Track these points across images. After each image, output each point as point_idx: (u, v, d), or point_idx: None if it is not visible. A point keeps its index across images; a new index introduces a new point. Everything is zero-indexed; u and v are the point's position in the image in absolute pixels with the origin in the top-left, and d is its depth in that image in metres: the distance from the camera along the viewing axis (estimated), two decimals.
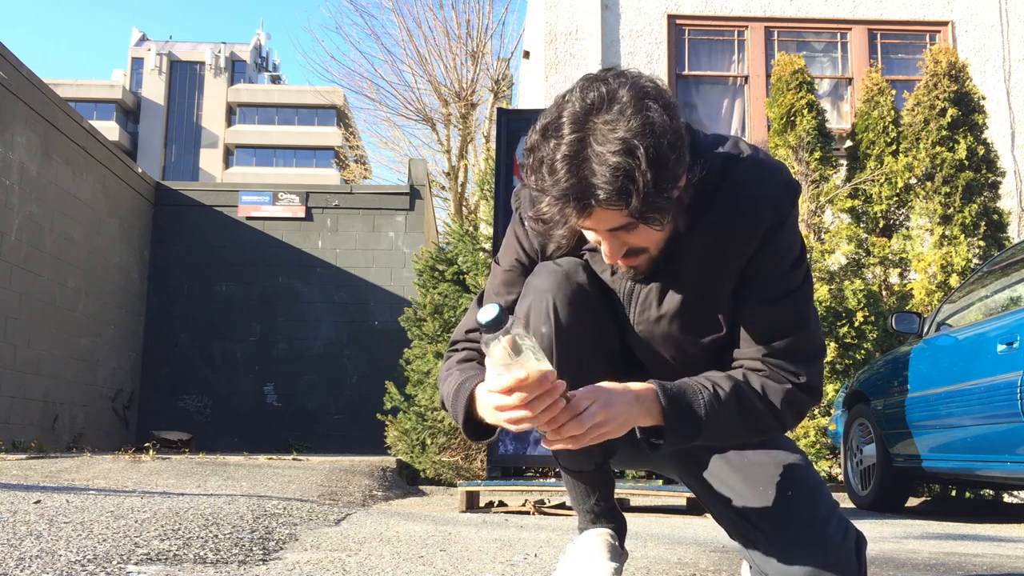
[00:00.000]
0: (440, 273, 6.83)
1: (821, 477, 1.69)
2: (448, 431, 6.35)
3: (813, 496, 1.53)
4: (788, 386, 1.50)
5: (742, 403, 1.48)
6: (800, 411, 1.54)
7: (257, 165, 51.08)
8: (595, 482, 1.71)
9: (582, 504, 1.73)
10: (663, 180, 1.29)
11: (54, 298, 10.05)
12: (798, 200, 1.52)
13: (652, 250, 1.44)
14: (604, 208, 1.29)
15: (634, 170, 1.26)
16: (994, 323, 4.19)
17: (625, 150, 1.26)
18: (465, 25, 14.00)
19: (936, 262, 7.14)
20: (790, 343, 1.51)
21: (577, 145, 1.29)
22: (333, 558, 2.07)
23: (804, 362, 1.52)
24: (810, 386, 1.52)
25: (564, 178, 1.28)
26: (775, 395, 1.50)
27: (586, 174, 1.28)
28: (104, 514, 2.61)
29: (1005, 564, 2.53)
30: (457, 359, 1.61)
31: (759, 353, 1.51)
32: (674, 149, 1.30)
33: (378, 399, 7.29)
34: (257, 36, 57.38)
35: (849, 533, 1.51)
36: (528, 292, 1.55)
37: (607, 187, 1.26)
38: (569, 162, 1.28)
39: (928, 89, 7.67)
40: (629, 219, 1.32)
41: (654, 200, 1.29)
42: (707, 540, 2.90)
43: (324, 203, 13.06)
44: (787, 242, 1.49)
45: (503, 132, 4.94)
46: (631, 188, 1.26)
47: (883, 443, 5.07)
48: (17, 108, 9.25)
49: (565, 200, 1.30)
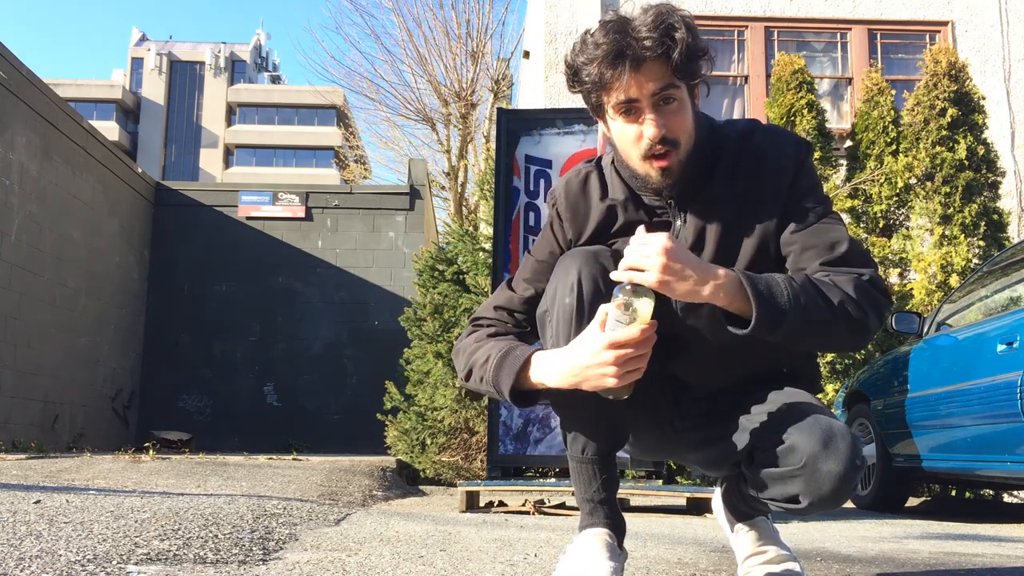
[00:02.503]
0: (440, 273, 6.83)
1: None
2: (448, 431, 6.35)
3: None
4: (854, 277, 1.57)
5: (818, 286, 1.53)
6: (875, 303, 1.57)
7: (257, 165, 51.08)
8: (601, 466, 1.72)
9: (585, 491, 1.73)
10: (697, 40, 1.52)
11: (54, 298, 10.05)
12: (812, 153, 1.71)
13: (682, 148, 1.57)
14: (651, 60, 1.49)
15: (674, 25, 1.50)
16: (994, 323, 4.19)
17: (663, 14, 1.50)
18: (465, 25, 14.00)
19: (936, 262, 7.14)
20: (843, 253, 1.59)
21: (621, 25, 1.52)
22: (333, 558, 2.07)
23: (862, 265, 1.60)
24: (875, 280, 1.58)
25: (612, 41, 1.49)
26: (845, 284, 1.55)
27: (632, 36, 1.50)
28: (104, 514, 2.61)
29: (1005, 564, 2.53)
30: (487, 333, 1.71)
31: (818, 265, 1.60)
32: (698, 30, 1.54)
33: (378, 399, 7.28)
34: (257, 36, 57.38)
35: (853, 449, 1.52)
36: (557, 269, 1.66)
37: (653, 36, 1.48)
38: (614, 31, 1.50)
39: (928, 89, 7.67)
40: (672, 77, 1.51)
41: (693, 52, 1.51)
42: (707, 540, 2.90)
43: (324, 203, 13.06)
44: (811, 183, 1.66)
45: (503, 132, 4.94)
46: (676, 38, 1.49)
47: (883, 443, 5.07)
48: (17, 108, 9.25)
49: (617, 57, 1.49)
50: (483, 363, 1.63)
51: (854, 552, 2.71)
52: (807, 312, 1.50)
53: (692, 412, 1.77)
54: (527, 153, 4.88)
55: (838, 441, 1.49)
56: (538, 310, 1.70)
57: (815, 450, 1.48)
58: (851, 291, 1.54)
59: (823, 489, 1.49)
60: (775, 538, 1.79)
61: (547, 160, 4.86)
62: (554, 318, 1.62)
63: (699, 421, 1.76)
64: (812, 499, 1.52)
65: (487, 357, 1.63)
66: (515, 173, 4.87)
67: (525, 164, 4.87)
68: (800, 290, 1.50)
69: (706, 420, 1.74)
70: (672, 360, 1.70)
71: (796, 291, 1.50)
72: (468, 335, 1.74)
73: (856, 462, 1.49)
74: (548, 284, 1.68)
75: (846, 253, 1.59)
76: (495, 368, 1.60)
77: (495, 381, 1.60)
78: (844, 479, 1.48)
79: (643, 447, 1.91)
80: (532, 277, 1.76)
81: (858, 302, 1.54)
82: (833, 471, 1.48)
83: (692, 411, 1.77)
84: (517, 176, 4.87)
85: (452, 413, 6.27)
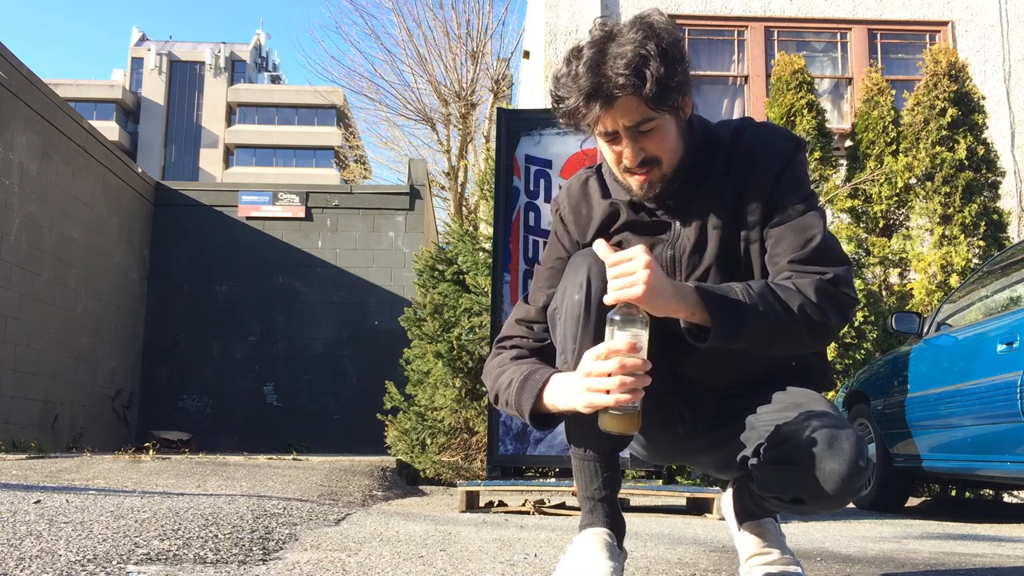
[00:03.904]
0: (440, 273, 6.83)
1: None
2: (448, 431, 6.35)
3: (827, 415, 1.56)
4: (816, 279, 1.59)
5: (776, 292, 1.56)
6: (839, 304, 1.59)
7: (257, 165, 51.07)
8: (603, 464, 1.74)
9: (586, 488, 1.75)
10: (671, 70, 1.53)
11: (54, 298, 10.05)
12: (803, 148, 1.72)
13: (665, 163, 1.62)
14: (624, 95, 1.52)
15: (648, 60, 1.51)
16: (994, 323, 4.19)
17: (637, 47, 1.52)
18: (465, 25, 14.00)
19: (936, 262, 7.14)
20: (814, 248, 1.62)
21: (598, 56, 1.53)
22: (333, 558, 2.07)
23: (832, 263, 1.62)
24: (839, 279, 1.60)
25: (587, 78, 1.53)
26: (806, 287, 1.58)
27: (607, 72, 1.52)
28: (104, 514, 2.61)
29: (1005, 564, 2.53)
30: (510, 356, 1.75)
31: (785, 265, 1.63)
32: (677, 49, 1.55)
33: (378, 399, 7.28)
34: (257, 36, 57.37)
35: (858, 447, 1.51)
36: (567, 268, 1.70)
37: (625, 73, 1.50)
38: (591, 66, 1.53)
39: (928, 89, 7.67)
40: (646, 110, 1.54)
41: (666, 85, 1.52)
42: (707, 540, 2.90)
43: (324, 203, 13.05)
44: (796, 178, 1.68)
45: (503, 132, 4.94)
46: (646, 73, 1.50)
47: (883, 443, 5.07)
48: (17, 108, 9.25)
49: (591, 96, 1.53)
50: (507, 387, 1.68)
51: (854, 552, 2.71)
52: (765, 319, 1.53)
53: (702, 415, 1.78)
54: (527, 153, 4.88)
55: (842, 441, 1.49)
56: (548, 309, 1.74)
57: (818, 450, 1.49)
58: (811, 294, 1.57)
59: (827, 489, 1.49)
60: (780, 542, 1.79)
61: (547, 160, 4.86)
62: (563, 315, 1.64)
63: (710, 423, 1.77)
64: (816, 499, 1.52)
65: (510, 381, 1.67)
66: (515, 173, 4.87)
67: (525, 164, 4.87)
68: (758, 298, 1.53)
69: (716, 422, 1.75)
70: (682, 360, 1.71)
71: (754, 299, 1.53)
72: (493, 358, 1.79)
73: (859, 463, 1.48)
74: (559, 284, 1.71)
75: (816, 248, 1.62)
76: (516, 392, 1.65)
77: (517, 405, 1.65)
78: (847, 479, 1.48)
79: (655, 451, 1.92)
80: (544, 284, 1.81)
81: (818, 305, 1.56)
82: (836, 471, 1.48)
83: (702, 414, 1.78)
84: (517, 176, 4.87)
85: (452, 413, 6.27)
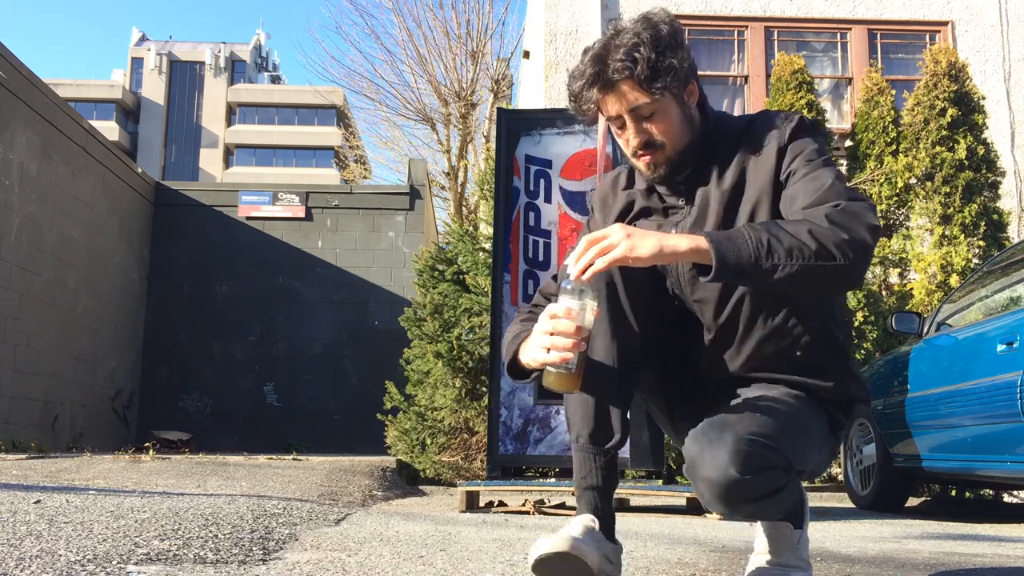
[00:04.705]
0: (440, 273, 6.83)
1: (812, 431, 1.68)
2: (448, 431, 6.35)
3: (763, 420, 1.56)
4: (827, 207, 1.56)
5: (780, 223, 1.55)
6: (854, 224, 1.53)
7: (257, 165, 51.05)
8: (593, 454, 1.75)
9: (576, 477, 1.78)
10: (662, 55, 1.65)
11: (54, 298, 10.05)
12: (812, 128, 1.74)
13: (668, 146, 1.72)
14: (621, 78, 1.65)
15: (640, 46, 1.65)
16: (994, 323, 4.19)
17: (632, 37, 1.66)
18: (465, 25, 14.00)
19: (936, 262, 7.14)
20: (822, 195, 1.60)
21: (601, 50, 1.70)
22: (333, 558, 2.07)
23: (841, 199, 1.58)
24: (854, 206, 1.56)
25: (591, 67, 1.70)
26: (814, 215, 1.55)
27: (607, 60, 1.68)
28: (104, 514, 2.61)
29: (1005, 564, 2.53)
30: (522, 318, 1.91)
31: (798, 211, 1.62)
32: (673, 38, 1.68)
33: (378, 399, 7.28)
34: (257, 36, 57.36)
35: (762, 454, 1.49)
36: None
37: (621, 59, 1.65)
38: (594, 58, 1.70)
39: (928, 89, 7.67)
40: (642, 92, 1.66)
41: (656, 67, 1.65)
42: (707, 540, 2.90)
43: (324, 203, 13.05)
44: (803, 144, 1.70)
45: (503, 132, 4.94)
46: (636, 58, 1.64)
47: (883, 443, 5.06)
48: (17, 108, 9.25)
49: (592, 81, 1.69)
50: (505, 343, 1.87)
51: (854, 552, 2.71)
52: (765, 241, 1.49)
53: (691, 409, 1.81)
54: (527, 153, 4.88)
55: (718, 448, 1.50)
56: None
57: (692, 455, 1.54)
58: (821, 220, 1.53)
59: (705, 494, 1.54)
60: (791, 547, 1.74)
61: (547, 160, 4.86)
62: (558, 281, 1.75)
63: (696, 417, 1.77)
64: (704, 502, 1.57)
65: (510, 338, 1.85)
66: (515, 173, 4.87)
67: (525, 164, 4.87)
68: (761, 227, 1.52)
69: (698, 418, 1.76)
70: (690, 341, 1.78)
71: (756, 229, 1.51)
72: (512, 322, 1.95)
73: (732, 471, 1.47)
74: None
75: (828, 190, 1.60)
76: (507, 346, 1.82)
77: (503, 357, 1.82)
78: (719, 486, 1.49)
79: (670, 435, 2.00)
80: None
81: (831, 225, 1.51)
82: (708, 477, 1.50)
83: (691, 408, 1.82)
84: (517, 176, 4.87)
85: (452, 413, 6.27)
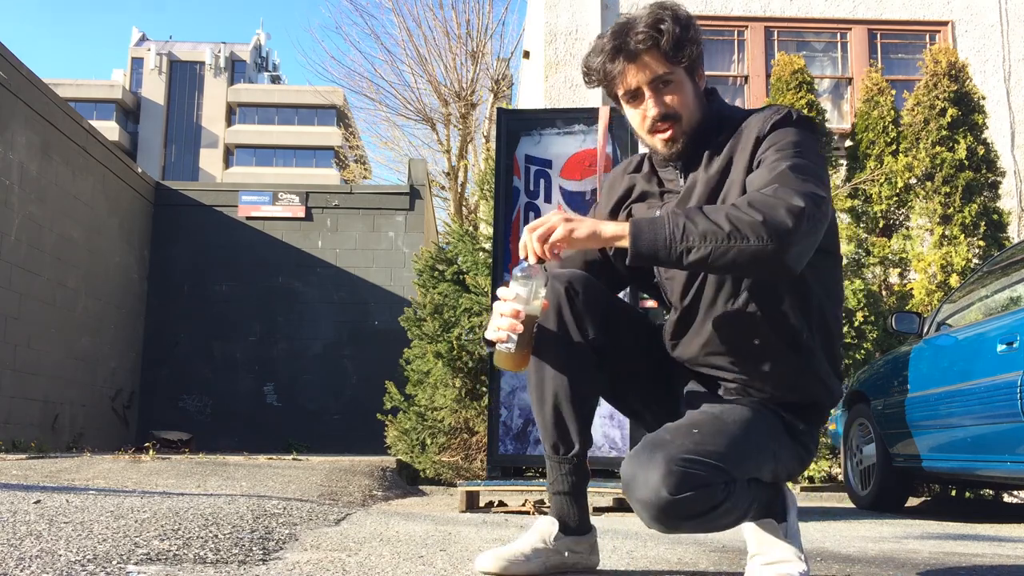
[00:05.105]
0: (440, 273, 6.82)
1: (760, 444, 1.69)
2: (448, 431, 6.34)
3: (699, 433, 1.58)
4: (757, 192, 1.60)
5: (701, 208, 1.60)
6: (783, 199, 1.55)
7: (257, 165, 51.05)
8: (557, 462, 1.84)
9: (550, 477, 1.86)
10: (685, 29, 1.72)
11: (54, 298, 10.05)
12: (801, 122, 1.75)
13: (684, 120, 1.76)
14: (644, 52, 1.71)
15: (663, 18, 1.72)
16: (994, 323, 4.19)
17: (655, 12, 1.73)
18: (465, 25, 14.00)
19: (936, 262, 7.14)
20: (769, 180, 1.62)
21: (620, 28, 1.76)
22: (333, 558, 2.07)
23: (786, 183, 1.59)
24: (782, 189, 1.57)
25: (612, 41, 1.74)
26: (742, 200, 1.59)
27: (629, 34, 1.73)
28: (104, 514, 2.62)
29: (1005, 564, 2.53)
30: None
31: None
32: (689, 19, 1.75)
33: (378, 399, 7.28)
34: (257, 36, 57.36)
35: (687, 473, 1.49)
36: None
37: (645, 31, 1.71)
38: (615, 33, 1.75)
39: (928, 89, 7.67)
40: (665, 63, 1.72)
41: (681, 39, 1.71)
42: (707, 540, 2.90)
43: (324, 203, 13.06)
44: (780, 137, 1.71)
45: (503, 132, 4.94)
46: (662, 29, 1.71)
47: (883, 443, 5.06)
48: (17, 108, 9.25)
49: (616, 53, 1.73)
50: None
51: (854, 552, 2.71)
52: (685, 229, 1.54)
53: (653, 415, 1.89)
54: (527, 153, 4.87)
55: (649, 470, 1.49)
56: None
57: (627, 477, 1.53)
58: (742, 202, 1.57)
59: (642, 516, 1.53)
60: (777, 537, 1.74)
61: (547, 160, 4.86)
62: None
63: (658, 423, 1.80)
64: (643, 522, 1.55)
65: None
66: (515, 173, 4.87)
67: (525, 164, 4.87)
68: (682, 212, 1.57)
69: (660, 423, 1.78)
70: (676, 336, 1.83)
71: (677, 214, 1.56)
72: None
73: (663, 493, 1.46)
74: None
75: (777, 175, 1.60)
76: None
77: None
78: (653, 507, 1.48)
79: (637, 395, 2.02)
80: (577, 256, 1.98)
81: (751, 205, 1.54)
82: (642, 499, 1.50)
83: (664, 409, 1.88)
84: (517, 176, 4.86)
85: (452, 413, 6.27)
